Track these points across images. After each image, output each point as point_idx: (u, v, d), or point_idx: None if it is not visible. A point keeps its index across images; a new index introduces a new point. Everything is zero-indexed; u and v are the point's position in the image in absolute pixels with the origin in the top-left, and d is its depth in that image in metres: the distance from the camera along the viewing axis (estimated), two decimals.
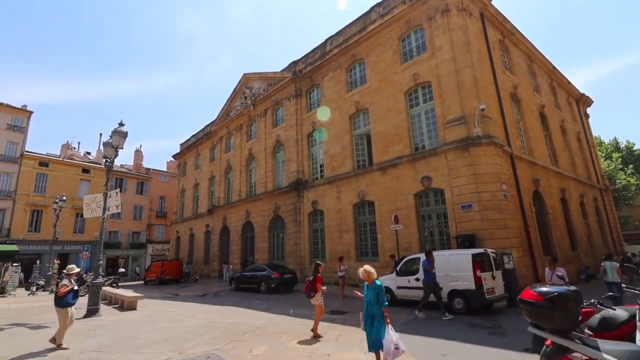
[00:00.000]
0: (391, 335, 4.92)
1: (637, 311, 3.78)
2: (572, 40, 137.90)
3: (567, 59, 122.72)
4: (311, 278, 7.97)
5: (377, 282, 5.51)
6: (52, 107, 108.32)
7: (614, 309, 4.29)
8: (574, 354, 2.64)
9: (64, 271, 7.86)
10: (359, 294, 5.92)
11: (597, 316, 4.54)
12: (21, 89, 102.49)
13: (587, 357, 2.57)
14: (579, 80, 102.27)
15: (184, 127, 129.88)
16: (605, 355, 2.47)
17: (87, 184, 36.83)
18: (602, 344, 2.59)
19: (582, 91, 27.40)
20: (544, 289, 2.85)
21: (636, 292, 4.28)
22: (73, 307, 7.59)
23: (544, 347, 3.06)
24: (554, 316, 2.72)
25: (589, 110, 29.08)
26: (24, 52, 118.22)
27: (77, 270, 7.96)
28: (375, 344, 5.16)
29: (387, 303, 5.37)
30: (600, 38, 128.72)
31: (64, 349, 7.21)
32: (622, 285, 4.92)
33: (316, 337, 7.56)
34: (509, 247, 12.04)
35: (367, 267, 5.59)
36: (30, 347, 7.45)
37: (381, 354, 5.09)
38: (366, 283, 5.60)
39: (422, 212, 15.11)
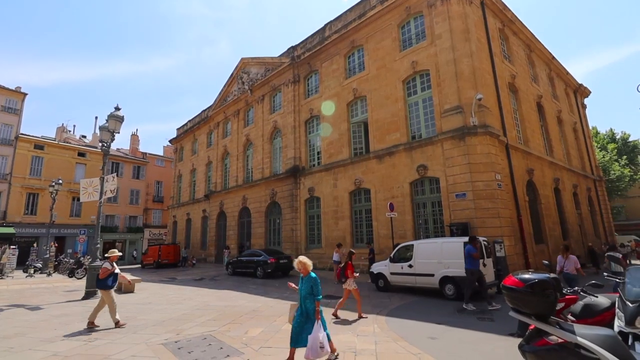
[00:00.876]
0: (318, 332, 4.66)
1: (617, 299, 3.95)
2: (572, 30, 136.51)
3: (567, 49, 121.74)
4: (342, 265, 8.33)
5: (313, 274, 5.20)
6: (47, 89, 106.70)
7: (597, 297, 4.48)
8: (551, 337, 2.80)
9: (106, 255, 8.16)
10: (293, 285, 5.54)
11: (581, 303, 4.73)
12: (15, 71, 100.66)
13: (562, 340, 2.73)
14: (579, 71, 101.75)
15: (181, 111, 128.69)
16: (579, 338, 2.62)
17: (83, 167, 36.69)
18: (578, 328, 2.75)
19: (580, 82, 27.36)
20: (525, 275, 2.99)
21: (617, 280, 4.45)
22: (113, 289, 7.82)
23: (528, 331, 3.23)
24: (532, 301, 2.87)
25: (586, 100, 29.13)
26: (17, 32, 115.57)
27: (119, 254, 8.22)
28: (297, 339, 4.83)
29: (321, 297, 5.05)
30: (600, 29, 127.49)
31: (122, 325, 7.53)
32: (605, 273, 5.09)
33: (360, 317, 7.99)
34: (500, 236, 12.28)
35: (302, 258, 5.28)
36: (36, 328, 7.62)
37: (297, 351, 4.84)
38: (301, 275, 5.30)
39: (417, 200, 15.29)
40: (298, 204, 21.00)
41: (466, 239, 10.29)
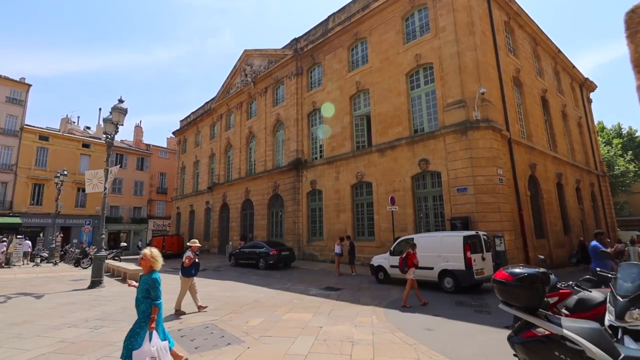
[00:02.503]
0: (149, 345, 3.79)
1: (609, 293, 4.03)
2: (579, 23, 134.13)
3: (574, 42, 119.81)
4: (404, 255, 8.65)
5: (156, 273, 4.19)
6: (51, 80, 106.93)
7: (590, 291, 4.56)
8: (538, 329, 2.90)
9: (188, 244, 8.54)
10: (134, 283, 4.40)
11: (574, 297, 4.82)
12: (19, 62, 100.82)
13: (549, 332, 2.83)
14: (585, 65, 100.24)
15: (184, 102, 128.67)
16: (564, 331, 2.71)
17: (88, 158, 36.98)
18: (565, 321, 2.84)
19: (587, 76, 27.06)
20: (515, 270, 3.07)
21: (609, 275, 4.52)
22: (194, 277, 8.19)
23: (517, 324, 3.32)
24: (521, 295, 2.96)
25: (592, 95, 28.83)
26: (21, 24, 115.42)
27: (199, 245, 8.59)
28: (127, 353, 3.81)
29: (160, 302, 4.08)
30: (607, 21, 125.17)
31: (183, 313, 7.79)
32: (597, 269, 5.17)
33: (405, 306, 8.21)
34: (501, 230, 12.34)
35: (148, 250, 4.27)
36: (44, 316, 7.84)
37: None
38: (141, 274, 4.30)
39: (419, 194, 15.34)
40: (300, 196, 21.12)
41: (466, 233, 10.40)
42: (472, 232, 10.49)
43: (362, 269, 15.01)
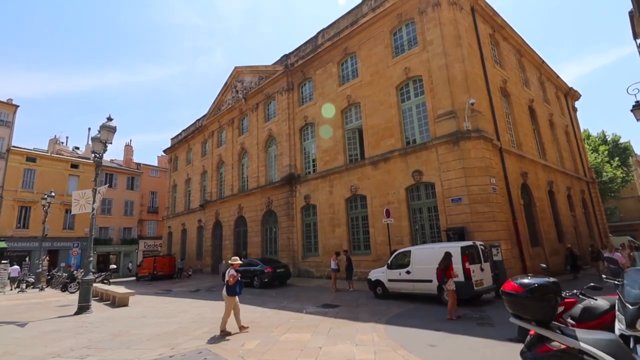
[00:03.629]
0: None
1: (617, 301, 3.90)
2: (560, 36, 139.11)
3: (557, 54, 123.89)
4: (443, 267, 8.49)
5: None
6: (39, 101, 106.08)
7: (596, 299, 4.43)
8: (553, 343, 2.74)
9: (229, 262, 8.33)
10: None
11: (580, 306, 4.68)
12: (6, 83, 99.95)
13: (565, 346, 2.67)
14: (568, 75, 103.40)
15: (175, 121, 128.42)
16: (581, 344, 2.57)
17: (76, 179, 36.28)
18: (580, 333, 2.70)
19: (571, 85, 27.75)
20: (524, 280, 2.94)
21: (616, 282, 4.41)
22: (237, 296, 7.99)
23: (528, 337, 3.16)
24: (533, 307, 2.81)
25: (577, 104, 29.51)
26: (7, 44, 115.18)
27: (240, 262, 8.41)
28: None
29: None
30: (586, 35, 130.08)
31: (228, 333, 7.59)
32: (603, 276, 5.06)
33: (450, 319, 8.01)
34: (497, 240, 12.26)
35: None
36: (26, 345, 7.40)
37: None
38: None
39: (413, 205, 15.26)
40: (294, 212, 20.88)
41: (463, 243, 10.26)
42: (470, 243, 10.36)
43: (359, 284, 14.72)
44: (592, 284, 4.76)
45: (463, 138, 13.41)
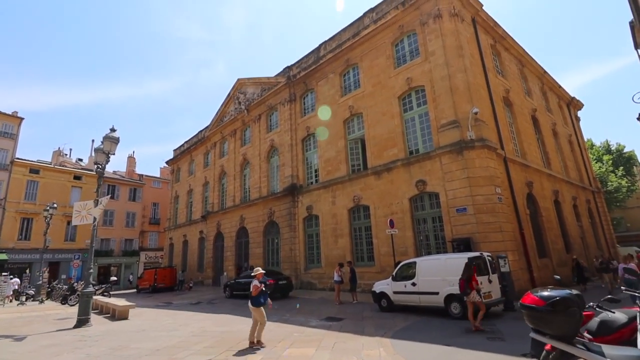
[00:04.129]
0: None
1: (638, 314, 3.72)
2: (563, 44, 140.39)
3: (558, 64, 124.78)
4: (466, 277, 8.34)
5: None
6: (44, 113, 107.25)
7: (613, 312, 4.24)
8: None
9: (252, 273, 8.27)
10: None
11: (597, 319, 4.47)
12: (12, 95, 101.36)
13: None
14: (569, 85, 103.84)
15: (178, 132, 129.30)
16: None
17: (79, 190, 36.31)
18: (606, 349, 2.53)
19: (573, 95, 27.76)
20: (545, 293, 2.78)
21: (636, 294, 4.23)
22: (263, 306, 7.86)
23: (544, 352, 2.98)
24: (556, 321, 2.65)
25: (579, 113, 29.48)
26: (14, 57, 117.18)
27: (262, 271, 8.34)
28: None
29: None
30: (590, 42, 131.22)
31: (263, 346, 7.46)
32: (622, 287, 4.86)
33: (477, 330, 7.91)
34: (504, 250, 12.02)
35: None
36: None
37: None
38: None
39: (417, 215, 15.07)
40: (296, 222, 20.69)
41: (470, 254, 10.05)
42: (477, 254, 10.15)
43: (362, 296, 14.42)
44: (609, 296, 4.57)
45: (467, 147, 13.31)
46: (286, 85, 23.15)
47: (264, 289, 7.93)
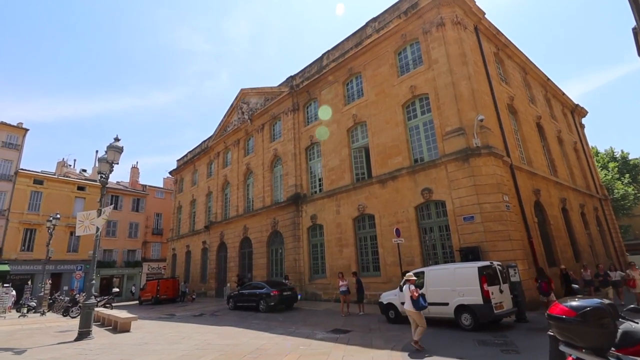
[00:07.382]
0: None
1: None
2: (565, 52, 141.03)
3: (561, 72, 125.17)
4: (546, 280, 8.94)
5: None
6: (49, 124, 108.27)
7: (637, 322, 4.04)
8: None
9: (405, 278, 8.30)
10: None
11: (620, 330, 4.26)
12: (17, 107, 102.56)
13: None
14: (573, 93, 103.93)
15: (181, 143, 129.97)
16: None
17: (83, 201, 36.31)
18: None
19: (576, 102, 27.67)
20: (574, 303, 2.61)
21: None
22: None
23: None
24: (589, 333, 2.47)
25: (583, 120, 29.34)
26: (20, 69, 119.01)
27: (414, 278, 8.33)
28: None
29: None
30: (593, 50, 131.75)
31: (422, 348, 7.48)
32: None
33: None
34: (513, 259, 11.75)
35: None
36: None
37: None
38: None
39: (424, 224, 14.86)
40: (300, 232, 20.49)
41: (479, 263, 9.82)
42: (487, 263, 9.91)
43: (369, 307, 14.12)
44: (632, 306, 4.36)
45: (473, 155, 13.17)
46: (289, 95, 23.23)
47: (420, 291, 7.97)
